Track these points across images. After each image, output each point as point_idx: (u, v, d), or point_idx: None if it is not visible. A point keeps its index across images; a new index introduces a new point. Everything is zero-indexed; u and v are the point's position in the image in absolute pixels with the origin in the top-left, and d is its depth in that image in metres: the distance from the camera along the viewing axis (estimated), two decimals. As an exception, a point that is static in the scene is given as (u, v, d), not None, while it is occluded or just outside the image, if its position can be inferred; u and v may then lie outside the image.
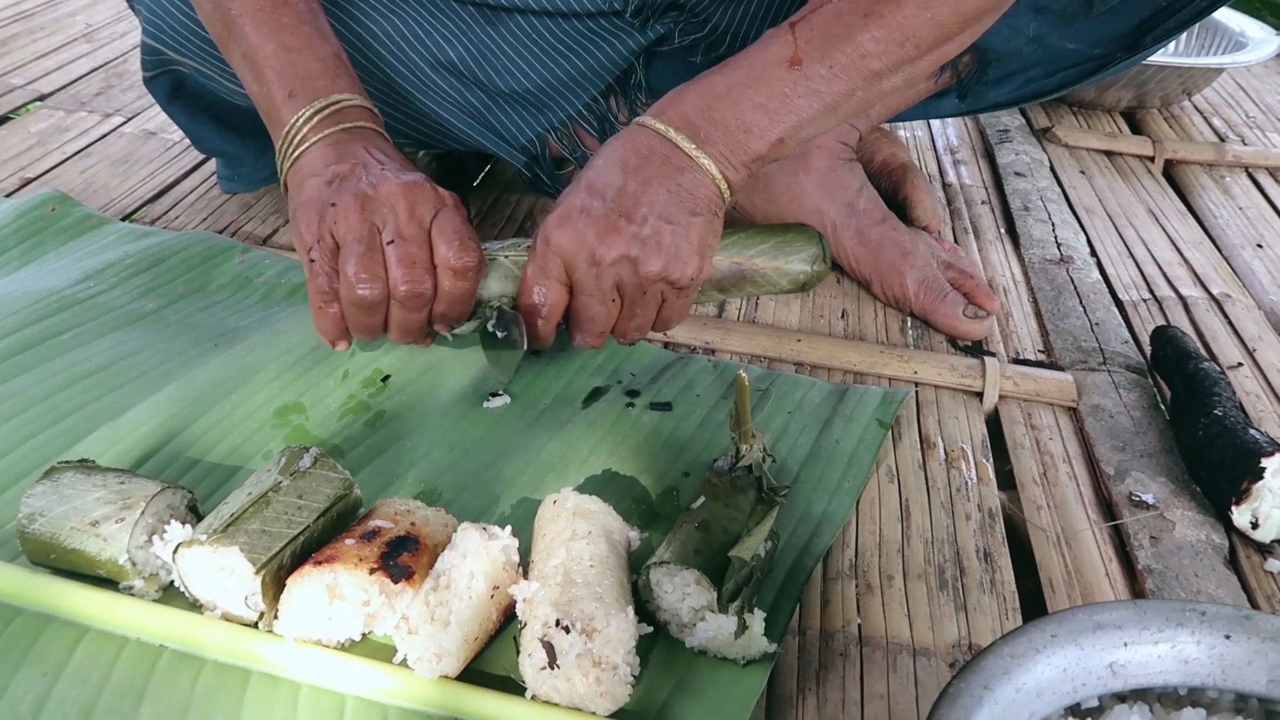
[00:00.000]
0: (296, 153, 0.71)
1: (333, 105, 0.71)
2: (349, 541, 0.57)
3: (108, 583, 0.58)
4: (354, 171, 0.68)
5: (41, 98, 1.29)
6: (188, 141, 1.11)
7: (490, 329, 0.73)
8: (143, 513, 0.58)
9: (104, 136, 1.19)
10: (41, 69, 1.37)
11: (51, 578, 0.58)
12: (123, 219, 1.01)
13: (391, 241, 0.66)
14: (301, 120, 0.70)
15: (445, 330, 0.72)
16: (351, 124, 0.72)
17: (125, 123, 1.23)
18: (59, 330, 0.80)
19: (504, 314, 0.71)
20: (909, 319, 0.95)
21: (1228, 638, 0.47)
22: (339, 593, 0.55)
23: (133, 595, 0.58)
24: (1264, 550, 0.71)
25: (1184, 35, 1.51)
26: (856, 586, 0.65)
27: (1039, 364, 0.90)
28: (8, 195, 1.03)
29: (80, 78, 1.35)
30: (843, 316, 0.95)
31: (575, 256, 0.67)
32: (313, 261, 0.68)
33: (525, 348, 0.72)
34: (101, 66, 1.39)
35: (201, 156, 1.14)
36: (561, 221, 0.67)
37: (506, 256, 0.72)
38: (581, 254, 0.67)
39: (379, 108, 0.93)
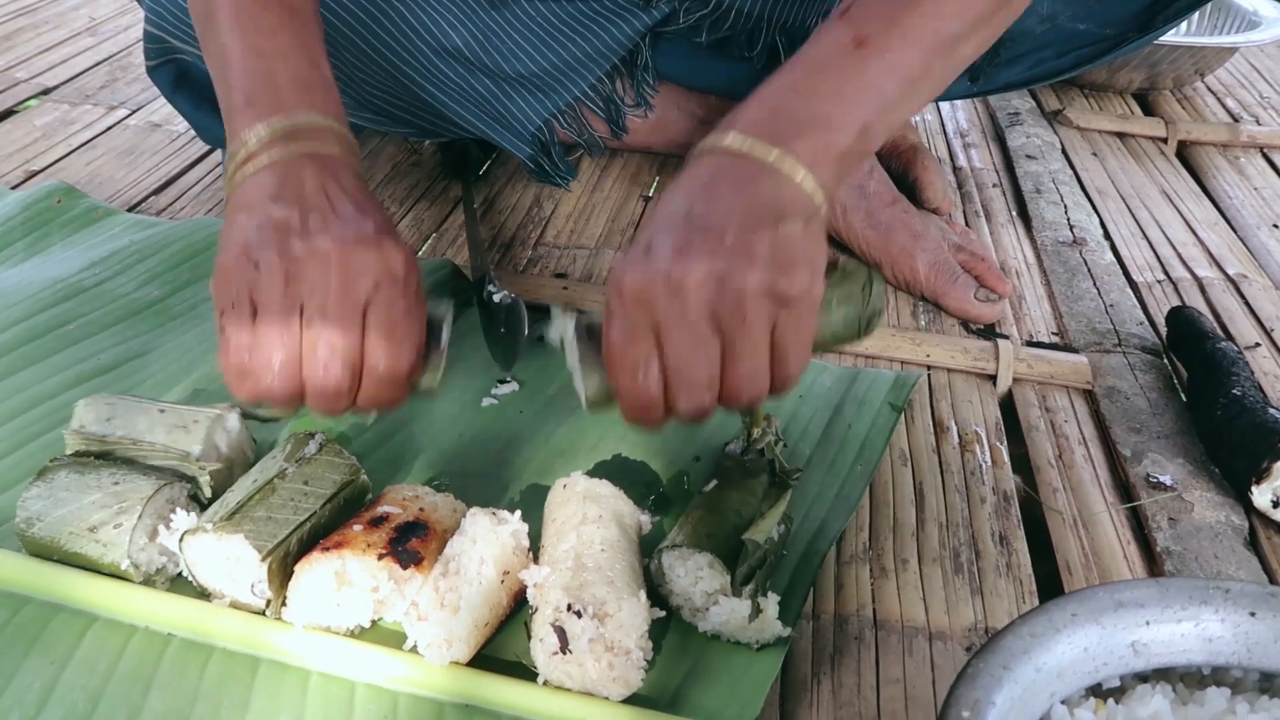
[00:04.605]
0: (238, 174, 0.60)
1: (292, 124, 0.60)
2: (357, 527, 0.56)
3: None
4: (289, 219, 0.56)
5: (46, 91, 1.28)
6: (193, 133, 1.11)
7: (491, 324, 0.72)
8: (140, 516, 0.57)
9: (109, 129, 1.19)
10: (46, 63, 1.36)
11: (59, 567, 0.58)
12: (128, 210, 1.00)
13: (312, 324, 0.55)
14: (253, 137, 0.60)
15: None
16: (309, 148, 0.60)
17: (130, 115, 1.22)
18: (65, 320, 0.79)
19: (501, 305, 0.70)
20: (920, 302, 0.94)
21: (1253, 615, 0.46)
22: (347, 579, 0.55)
23: (141, 583, 0.57)
24: (1285, 531, 0.70)
25: (1196, 15, 1.49)
26: (871, 570, 0.64)
27: (1053, 346, 0.89)
28: (13, 188, 1.03)
29: (85, 71, 1.35)
30: (853, 300, 0.94)
31: (652, 291, 0.53)
32: (223, 331, 0.56)
33: (525, 335, 0.71)
34: (106, 60, 1.39)
35: (207, 148, 1.13)
36: (630, 264, 0.54)
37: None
38: (658, 285, 0.53)
39: (383, 97, 0.93)
